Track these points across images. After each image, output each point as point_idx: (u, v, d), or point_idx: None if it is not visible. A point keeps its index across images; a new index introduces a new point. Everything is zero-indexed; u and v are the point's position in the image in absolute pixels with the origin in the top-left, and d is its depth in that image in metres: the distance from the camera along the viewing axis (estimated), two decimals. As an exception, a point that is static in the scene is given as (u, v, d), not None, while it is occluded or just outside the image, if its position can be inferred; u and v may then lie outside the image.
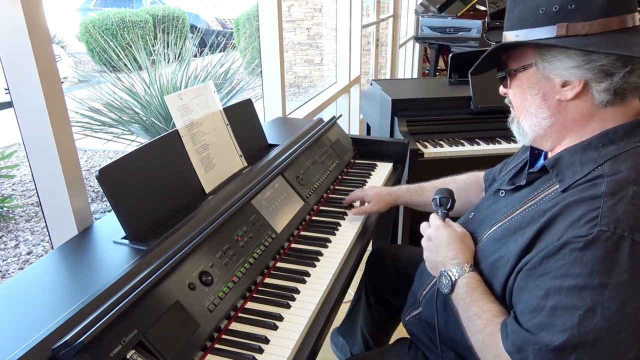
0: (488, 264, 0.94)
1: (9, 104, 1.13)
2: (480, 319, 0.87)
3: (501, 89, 0.99)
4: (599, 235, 0.73)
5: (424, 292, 1.13)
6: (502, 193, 1.02)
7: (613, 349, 0.72)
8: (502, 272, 0.88)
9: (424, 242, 1.08)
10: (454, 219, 1.13)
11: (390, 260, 1.56)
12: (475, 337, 0.88)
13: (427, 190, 1.43)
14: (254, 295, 1.11)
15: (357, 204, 1.52)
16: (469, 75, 1.04)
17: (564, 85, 0.85)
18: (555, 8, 0.82)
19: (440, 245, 1.02)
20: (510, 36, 0.91)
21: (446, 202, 1.12)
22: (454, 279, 0.95)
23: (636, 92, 0.84)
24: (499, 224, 0.95)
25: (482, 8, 4.80)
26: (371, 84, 2.77)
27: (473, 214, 1.10)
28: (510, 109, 0.99)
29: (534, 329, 0.77)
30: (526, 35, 0.87)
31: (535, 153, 1.02)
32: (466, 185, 1.37)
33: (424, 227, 1.10)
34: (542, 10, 0.84)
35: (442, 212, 1.12)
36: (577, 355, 0.72)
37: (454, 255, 0.98)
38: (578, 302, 0.73)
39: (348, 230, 1.41)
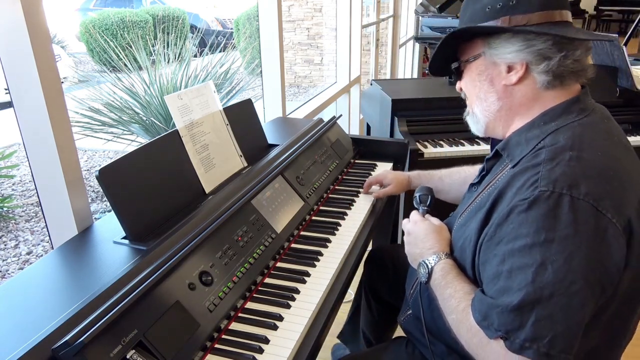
0: (458, 248, 0.99)
1: (9, 104, 1.13)
2: (454, 299, 0.91)
3: (457, 86, 1.08)
4: (540, 195, 0.79)
5: (412, 291, 1.16)
6: (474, 188, 1.09)
7: (569, 302, 0.75)
8: (469, 252, 0.93)
9: (405, 236, 1.13)
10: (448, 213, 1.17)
11: (388, 260, 1.56)
12: (450, 317, 0.92)
13: (435, 177, 1.51)
14: (254, 295, 1.11)
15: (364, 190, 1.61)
16: (429, 73, 1.15)
17: (508, 70, 0.94)
18: (499, 5, 0.93)
19: (418, 238, 1.08)
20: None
21: (425, 199, 1.20)
22: (430, 267, 1.00)
23: (575, 77, 0.93)
24: (465, 211, 1.02)
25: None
26: (371, 84, 2.77)
27: (453, 212, 1.16)
28: (466, 101, 1.07)
29: (496, 295, 0.81)
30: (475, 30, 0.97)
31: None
32: (466, 176, 1.42)
33: (404, 223, 1.16)
34: (488, 8, 0.94)
35: (422, 209, 1.18)
36: (537, 311, 0.75)
37: (430, 245, 1.04)
38: (529, 260, 0.77)
39: (348, 230, 1.41)
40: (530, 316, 0.75)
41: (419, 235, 1.07)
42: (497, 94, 0.97)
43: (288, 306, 1.07)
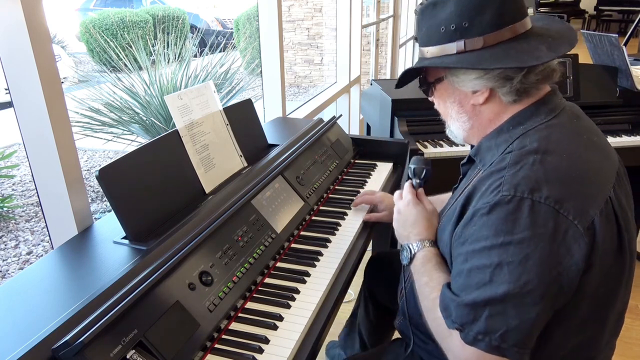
0: (441, 250, 1.03)
1: (9, 104, 1.13)
2: (428, 287, 0.97)
3: (430, 98, 1.08)
4: (502, 199, 0.81)
5: (401, 292, 1.17)
6: (455, 192, 1.11)
7: (522, 300, 0.78)
8: (447, 253, 0.97)
9: (394, 213, 1.16)
10: None
11: (388, 266, 1.56)
12: (423, 302, 0.98)
13: (436, 204, 1.40)
14: (254, 295, 1.11)
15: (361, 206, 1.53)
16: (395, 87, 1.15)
17: (474, 92, 0.95)
18: (452, 27, 0.91)
19: (407, 221, 1.11)
20: (421, 52, 1.00)
21: (420, 172, 1.19)
22: (413, 253, 1.05)
23: (541, 85, 0.93)
24: (444, 215, 1.06)
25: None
26: (371, 84, 2.77)
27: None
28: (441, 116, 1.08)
29: (457, 290, 0.86)
30: (434, 51, 0.96)
31: None
32: None
33: (396, 196, 1.18)
34: (443, 29, 0.93)
35: (416, 183, 1.18)
36: (490, 308, 0.80)
37: (418, 232, 1.08)
38: (487, 261, 0.81)
39: (348, 230, 1.41)
40: (484, 311, 0.80)
41: (409, 219, 1.11)
42: (468, 114, 0.98)
43: (288, 306, 1.08)
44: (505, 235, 0.80)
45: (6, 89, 1.09)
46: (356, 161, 1.93)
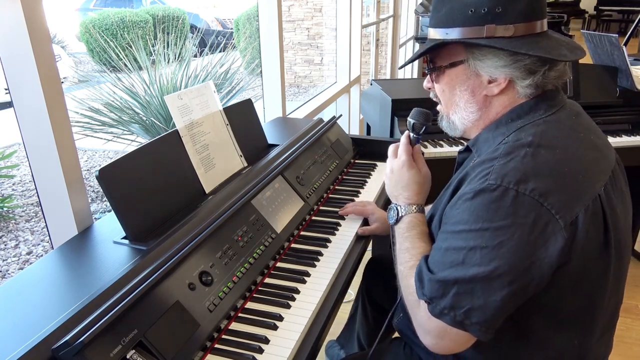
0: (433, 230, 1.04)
1: (9, 104, 1.13)
2: (408, 253, 1.01)
3: (425, 84, 1.06)
4: (487, 187, 0.83)
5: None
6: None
7: (490, 283, 0.81)
8: (436, 235, 0.98)
9: (386, 170, 1.17)
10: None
11: (388, 270, 1.55)
12: (399, 267, 1.02)
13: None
14: (254, 295, 1.11)
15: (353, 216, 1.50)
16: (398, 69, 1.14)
17: (490, 82, 0.93)
18: (484, 10, 0.89)
19: (399, 183, 1.12)
20: (436, 33, 0.96)
21: (419, 128, 1.16)
22: (400, 214, 1.08)
23: (556, 83, 0.94)
24: (435, 206, 1.06)
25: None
26: (371, 84, 2.77)
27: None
28: (439, 106, 1.06)
29: (432, 265, 0.89)
30: (456, 33, 0.92)
31: None
32: None
33: (391, 152, 1.17)
34: (472, 11, 0.90)
35: (414, 137, 1.16)
36: (459, 286, 0.83)
37: (408, 196, 1.10)
38: (463, 243, 0.84)
39: (348, 230, 1.41)
40: (453, 289, 0.84)
41: (402, 180, 1.12)
42: (478, 105, 0.97)
43: (288, 306, 1.08)
44: (484, 221, 0.82)
45: (6, 89, 1.09)
46: (356, 161, 1.93)
